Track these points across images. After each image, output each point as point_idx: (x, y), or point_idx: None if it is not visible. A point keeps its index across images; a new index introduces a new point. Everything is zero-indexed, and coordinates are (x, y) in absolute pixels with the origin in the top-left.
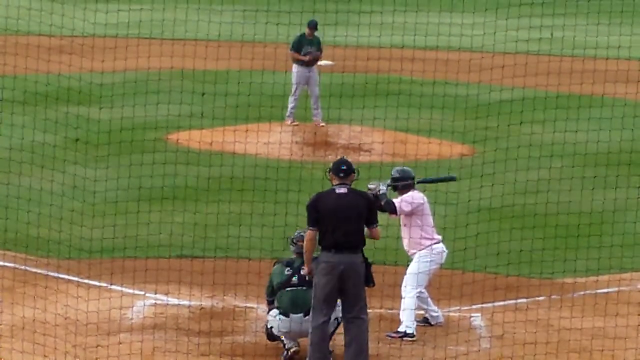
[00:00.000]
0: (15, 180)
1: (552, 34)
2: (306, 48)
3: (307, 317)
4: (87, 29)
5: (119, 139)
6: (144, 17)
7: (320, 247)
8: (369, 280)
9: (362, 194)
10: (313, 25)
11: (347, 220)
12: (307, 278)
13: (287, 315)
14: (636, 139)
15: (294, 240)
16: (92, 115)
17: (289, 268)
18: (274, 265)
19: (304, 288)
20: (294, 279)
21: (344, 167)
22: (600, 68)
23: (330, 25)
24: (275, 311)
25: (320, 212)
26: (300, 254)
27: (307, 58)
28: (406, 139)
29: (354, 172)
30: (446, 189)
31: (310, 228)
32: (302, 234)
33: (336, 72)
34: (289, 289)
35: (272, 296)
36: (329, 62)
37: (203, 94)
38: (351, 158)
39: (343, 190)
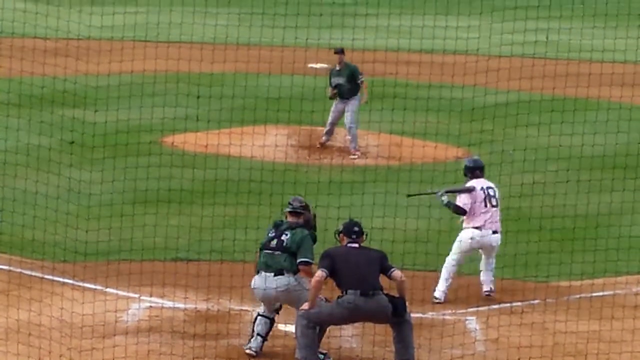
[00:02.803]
0: (10, 183)
1: (547, 37)
2: (334, 80)
3: (276, 277)
4: (82, 31)
5: (114, 142)
6: (139, 20)
7: (342, 290)
8: (397, 313)
9: (374, 249)
10: (337, 52)
11: (362, 265)
12: (285, 244)
13: (258, 273)
14: (631, 143)
15: (290, 202)
16: (87, 118)
17: (273, 230)
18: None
19: (279, 253)
20: (273, 242)
21: (356, 229)
22: (596, 71)
23: (326, 28)
24: None
25: (334, 258)
26: (292, 213)
27: (328, 93)
28: (401, 142)
29: (364, 234)
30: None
31: (322, 269)
32: (298, 197)
33: None
34: (266, 251)
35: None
36: (325, 65)
37: (198, 97)
38: (346, 161)
39: (355, 245)
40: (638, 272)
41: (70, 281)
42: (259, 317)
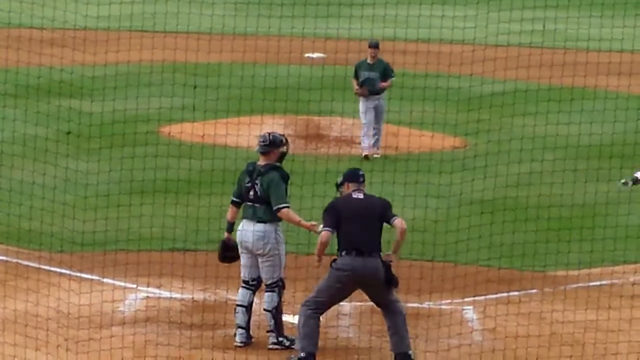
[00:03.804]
0: (7, 173)
1: (544, 26)
2: (364, 74)
3: (258, 224)
4: (79, 21)
5: (111, 132)
6: (136, 10)
7: (339, 250)
8: (391, 282)
9: (378, 197)
10: (372, 45)
11: (366, 222)
12: (258, 194)
13: (243, 218)
14: (628, 132)
15: (259, 141)
16: (84, 108)
17: (248, 179)
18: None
19: (258, 205)
20: (251, 193)
21: (362, 173)
22: (592, 60)
23: (322, 17)
24: None
25: (340, 213)
26: (263, 154)
27: (356, 91)
28: (398, 131)
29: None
30: (438, 181)
31: (326, 228)
32: (264, 134)
33: (328, 65)
34: (247, 203)
35: (235, 197)
36: (321, 55)
37: (195, 87)
38: (343, 151)
39: (360, 195)
40: (635, 261)
41: (67, 272)
42: (236, 308)
